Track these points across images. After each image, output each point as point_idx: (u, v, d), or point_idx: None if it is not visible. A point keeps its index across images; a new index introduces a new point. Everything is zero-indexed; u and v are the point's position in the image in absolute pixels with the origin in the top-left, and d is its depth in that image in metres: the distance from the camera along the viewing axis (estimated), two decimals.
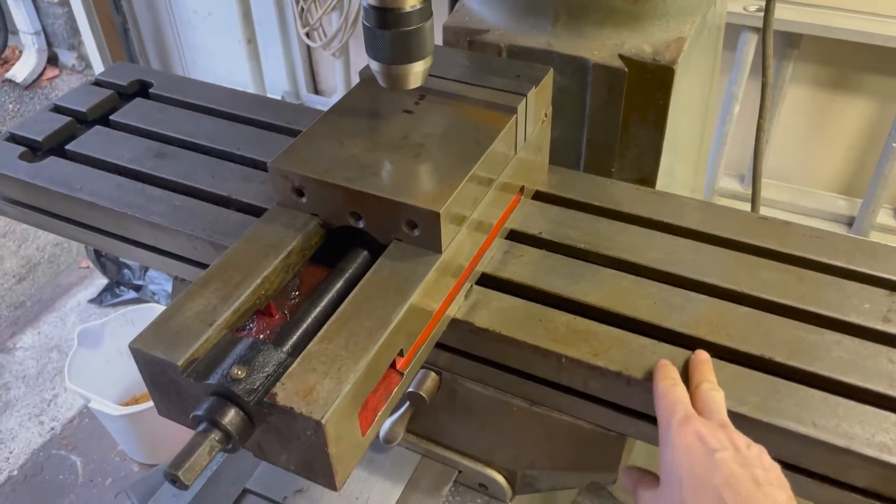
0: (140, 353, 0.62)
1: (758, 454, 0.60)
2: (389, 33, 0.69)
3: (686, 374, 0.68)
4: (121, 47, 2.73)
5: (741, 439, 0.60)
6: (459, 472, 0.91)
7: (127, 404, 2.03)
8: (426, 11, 0.70)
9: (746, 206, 1.40)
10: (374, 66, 0.73)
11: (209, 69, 2.74)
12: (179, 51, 2.74)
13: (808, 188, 2.08)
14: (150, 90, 1.10)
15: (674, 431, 0.61)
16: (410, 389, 0.82)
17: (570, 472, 0.85)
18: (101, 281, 2.59)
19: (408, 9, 0.68)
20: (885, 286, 0.77)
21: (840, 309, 0.74)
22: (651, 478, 0.68)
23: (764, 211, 1.97)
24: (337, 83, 2.41)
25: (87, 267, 2.66)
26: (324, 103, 2.57)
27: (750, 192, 1.40)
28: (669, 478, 0.60)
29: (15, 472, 2.08)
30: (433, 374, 0.83)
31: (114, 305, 2.50)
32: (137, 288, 2.48)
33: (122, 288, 2.52)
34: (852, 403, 0.66)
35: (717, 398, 0.65)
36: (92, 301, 2.54)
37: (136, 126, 1.02)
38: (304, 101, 2.59)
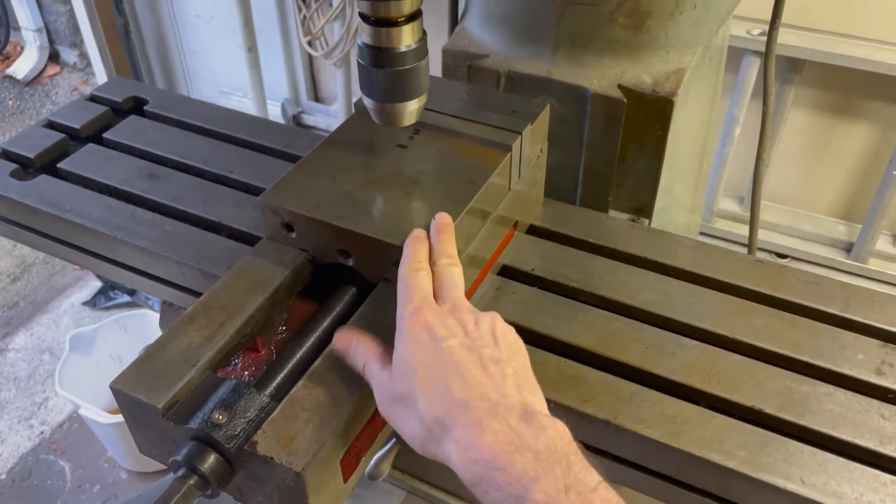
0: (121, 393, 0.61)
1: (487, 329, 0.59)
2: (384, 72, 0.68)
3: None
4: (122, 49, 2.71)
5: (469, 318, 0.59)
6: None
7: (117, 411, 2.02)
8: (422, 51, 0.69)
9: (745, 228, 1.39)
10: (368, 102, 0.72)
11: (210, 74, 2.73)
12: (181, 54, 2.73)
13: (807, 212, 2.07)
14: (146, 107, 1.09)
15: (406, 323, 0.59)
16: None
17: None
18: (96, 283, 2.57)
19: (403, 48, 0.67)
20: (879, 336, 0.76)
21: (833, 359, 0.73)
22: (384, 355, 0.62)
23: (761, 234, 1.97)
24: (337, 92, 2.40)
25: (82, 269, 2.65)
26: (324, 111, 2.55)
27: (749, 214, 1.39)
28: (403, 369, 0.58)
29: (3, 476, 2.07)
30: None
31: (107, 309, 2.49)
32: (132, 292, 2.47)
33: (116, 291, 2.51)
34: (842, 460, 0.65)
35: (452, 275, 0.63)
36: (86, 303, 2.53)
37: (130, 145, 1.01)
38: (305, 108, 2.57)
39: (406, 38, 0.67)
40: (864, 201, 1.96)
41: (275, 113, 2.57)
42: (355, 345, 0.62)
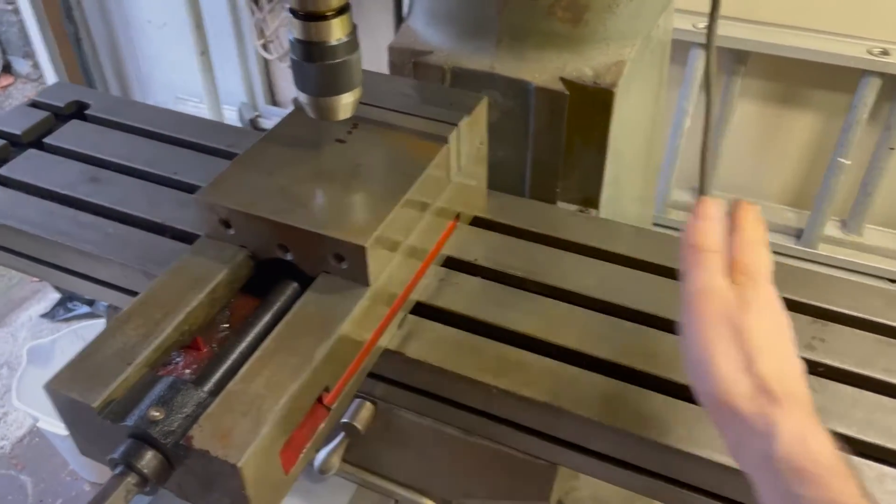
0: (56, 393, 0.61)
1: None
2: (316, 66, 0.69)
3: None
4: (73, 57, 2.68)
5: None
6: (396, 501, 0.90)
7: None
8: (353, 44, 0.69)
9: None
10: (303, 98, 0.72)
11: (165, 80, 2.70)
12: (134, 61, 2.70)
13: (758, 200, 2.12)
14: (87, 112, 1.08)
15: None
16: (345, 420, 0.82)
17: (504, 501, 0.86)
18: (55, 295, 2.54)
19: (333, 42, 0.68)
20: (810, 313, 0.78)
21: None
22: None
23: None
24: (294, 94, 2.40)
25: (40, 280, 2.61)
26: (281, 114, 2.53)
27: None
28: None
29: None
30: (368, 404, 0.83)
31: (67, 320, 2.45)
32: (90, 303, 2.44)
33: (75, 303, 2.48)
34: None
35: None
36: (44, 315, 2.49)
37: (71, 149, 1.01)
38: (262, 112, 2.56)
39: (336, 31, 0.67)
40: (811, 188, 2.01)
41: (232, 118, 2.55)
42: None
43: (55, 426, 1.83)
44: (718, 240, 0.58)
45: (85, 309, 2.46)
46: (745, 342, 0.52)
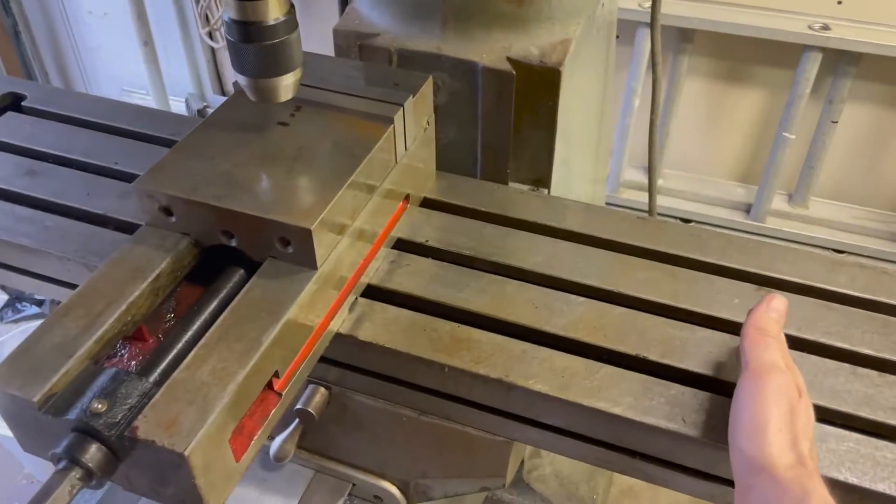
0: None
1: None
2: (254, 47, 0.67)
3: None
4: (12, 50, 2.59)
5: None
6: (353, 485, 0.90)
7: None
8: (291, 23, 0.68)
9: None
10: (242, 80, 0.71)
11: (109, 72, 2.64)
12: (76, 53, 2.63)
13: (707, 177, 2.16)
14: (23, 103, 1.05)
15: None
16: (299, 406, 0.81)
17: (461, 479, 0.86)
18: (2, 297, 2.47)
19: (271, 21, 0.67)
20: (754, 280, 0.80)
21: (711, 305, 0.76)
22: None
23: (666, 200, 2.04)
24: None
25: None
26: None
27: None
28: None
29: None
30: (322, 389, 0.82)
31: (16, 322, 2.39)
32: (40, 303, 2.38)
33: (24, 303, 2.41)
34: (720, 398, 0.68)
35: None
36: None
37: (6, 142, 0.97)
38: (210, 102, 2.52)
39: (273, 10, 0.66)
40: (759, 163, 2.06)
41: (179, 109, 2.51)
42: None
43: (6, 430, 1.78)
44: (780, 331, 0.67)
45: (34, 310, 2.40)
46: (796, 422, 0.59)
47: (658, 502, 1.90)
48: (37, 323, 2.01)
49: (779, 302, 0.68)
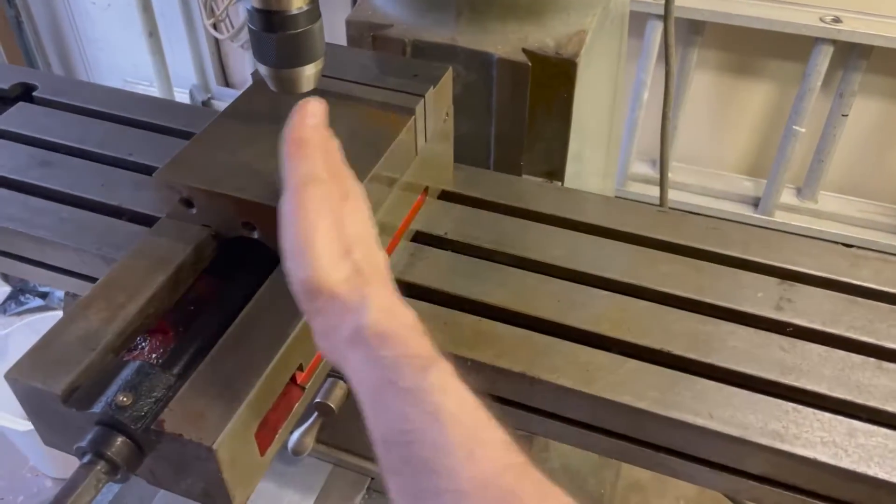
0: (17, 383, 0.58)
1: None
2: (276, 37, 0.67)
3: None
4: (15, 42, 2.58)
5: None
6: (372, 479, 0.90)
7: None
8: (314, 13, 0.67)
9: (658, 190, 1.43)
10: (263, 70, 0.70)
11: (112, 63, 2.62)
12: (79, 45, 2.61)
13: (716, 171, 2.15)
14: (35, 94, 1.04)
15: None
16: (318, 400, 0.80)
17: None
18: (5, 288, 2.46)
19: (294, 11, 0.66)
20: (777, 274, 0.79)
21: (735, 299, 0.76)
22: None
23: (673, 194, 2.03)
24: (247, 75, 2.35)
25: None
26: (234, 95, 2.48)
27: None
28: None
29: None
30: (342, 383, 0.82)
31: (19, 314, 2.38)
32: (43, 295, 2.37)
33: (27, 295, 2.41)
34: (746, 393, 0.68)
35: None
36: None
37: (19, 133, 0.96)
38: (214, 94, 2.51)
39: (296, 0, 0.65)
40: (768, 157, 2.05)
41: (183, 100, 2.49)
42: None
43: (13, 422, 1.78)
44: (320, 137, 0.61)
45: (38, 302, 2.39)
46: (343, 232, 0.55)
47: (664, 496, 1.90)
48: (40, 315, 2.01)
49: (315, 105, 0.62)
